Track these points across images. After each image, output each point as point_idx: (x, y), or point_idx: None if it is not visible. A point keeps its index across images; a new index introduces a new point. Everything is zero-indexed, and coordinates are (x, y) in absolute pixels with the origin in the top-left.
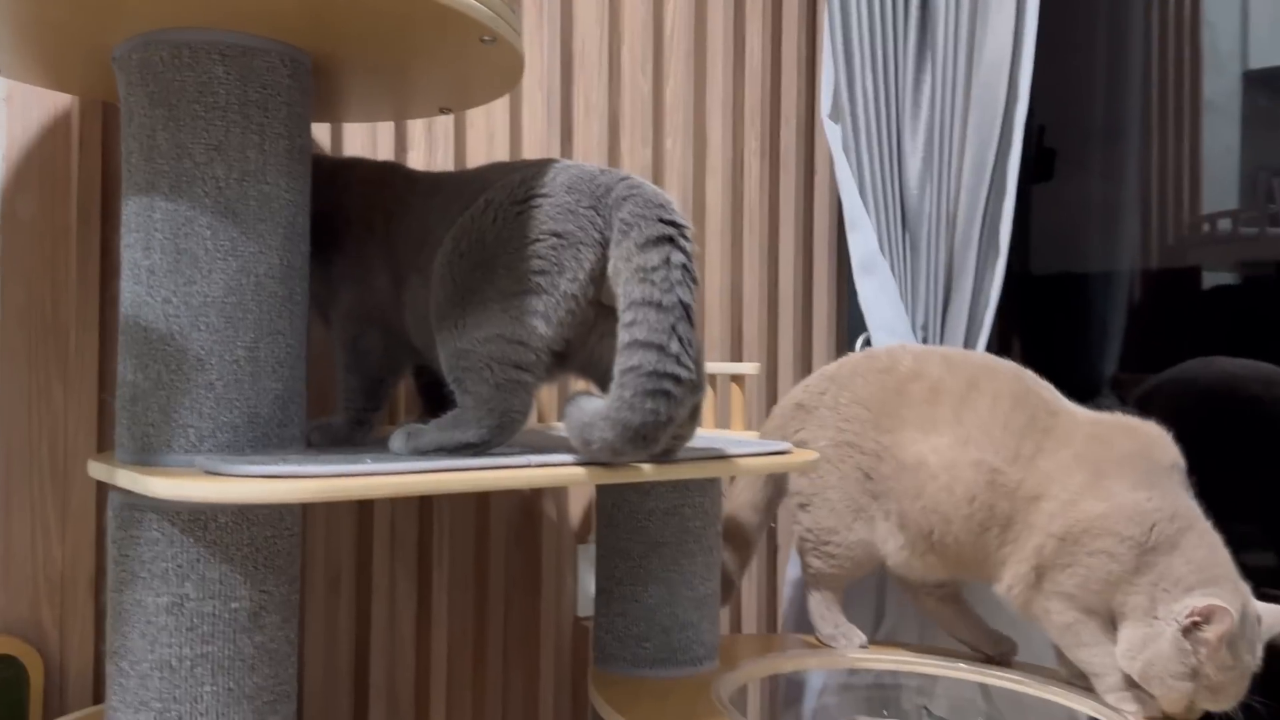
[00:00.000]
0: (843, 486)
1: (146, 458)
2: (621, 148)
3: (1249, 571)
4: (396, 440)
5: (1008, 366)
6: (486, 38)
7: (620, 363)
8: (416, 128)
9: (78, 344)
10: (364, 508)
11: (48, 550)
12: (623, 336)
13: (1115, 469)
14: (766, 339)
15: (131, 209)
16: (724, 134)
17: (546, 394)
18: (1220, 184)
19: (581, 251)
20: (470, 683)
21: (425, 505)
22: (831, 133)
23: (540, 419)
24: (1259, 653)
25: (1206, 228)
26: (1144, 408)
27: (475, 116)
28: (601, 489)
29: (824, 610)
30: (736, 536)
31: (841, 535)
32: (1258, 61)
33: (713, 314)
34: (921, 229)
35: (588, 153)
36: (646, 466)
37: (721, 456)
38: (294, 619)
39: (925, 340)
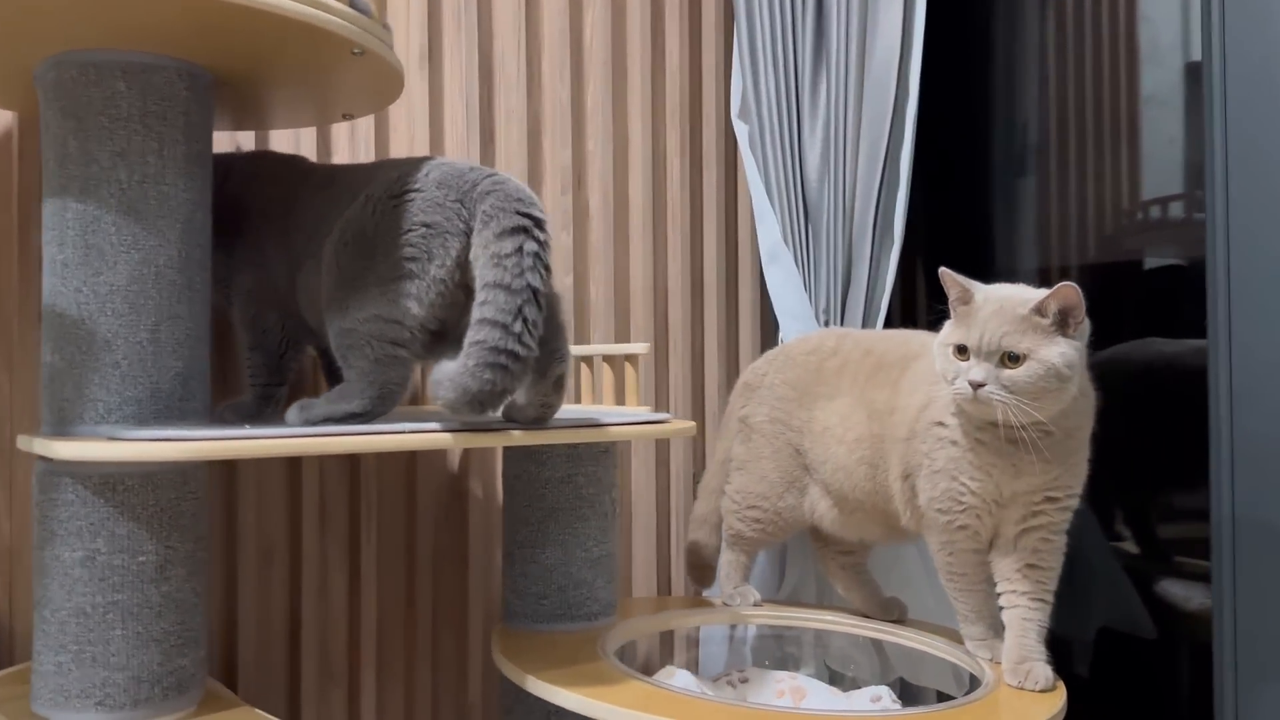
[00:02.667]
0: (776, 459)
1: (63, 429)
2: (543, 149)
3: (1183, 545)
4: (292, 413)
5: (906, 332)
6: (356, 50)
7: (469, 336)
8: (341, 134)
9: (20, 335)
10: (293, 485)
11: None
12: (474, 314)
13: None
14: (691, 325)
15: (49, 210)
16: (644, 135)
17: None
18: (1166, 173)
19: (448, 240)
20: (402, 646)
21: (354, 483)
22: (740, 131)
23: (413, 402)
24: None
25: (1156, 213)
26: None
27: (398, 121)
28: (507, 461)
29: (730, 571)
30: (700, 558)
31: (770, 502)
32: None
33: (636, 302)
34: (822, 220)
35: (509, 155)
36: (516, 432)
37: (593, 424)
38: (200, 573)
39: (826, 325)
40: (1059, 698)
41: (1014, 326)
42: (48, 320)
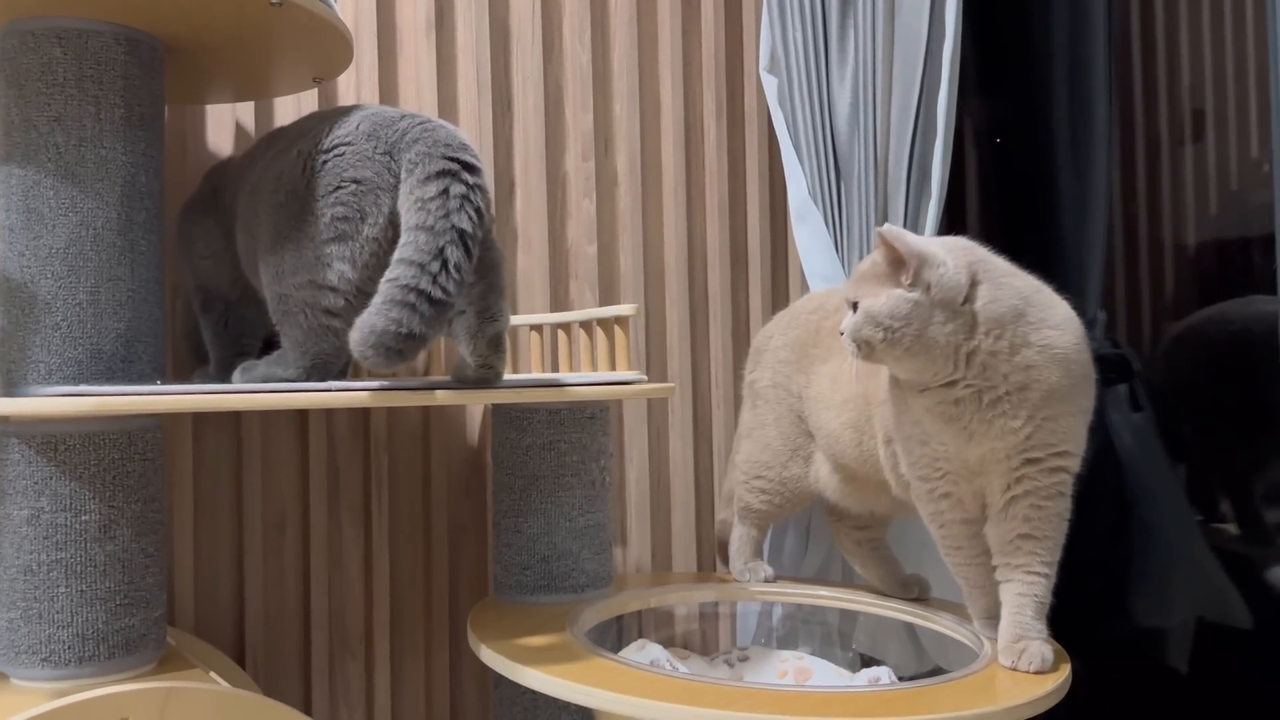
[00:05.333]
0: (779, 426)
1: (10, 390)
2: (564, 115)
3: None
4: (236, 374)
5: None
6: (273, 1)
7: (385, 275)
8: (346, 101)
9: None
10: (301, 454)
11: None
12: (394, 255)
13: None
14: (733, 291)
15: (0, 176)
16: (675, 95)
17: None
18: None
19: (379, 197)
20: (421, 617)
21: (365, 454)
22: (769, 86)
23: (425, 372)
24: None
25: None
26: (1179, 346)
27: (407, 92)
28: (493, 428)
29: (740, 546)
30: (726, 535)
31: (775, 471)
32: None
33: (670, 269)
34: (853, 175)
35: (526, 122)
36: (440, 393)
37: (548, 384)
38: (151, 534)
39: None
40: (1055, 679)
41: (862, 276)
42: (1, 285)
